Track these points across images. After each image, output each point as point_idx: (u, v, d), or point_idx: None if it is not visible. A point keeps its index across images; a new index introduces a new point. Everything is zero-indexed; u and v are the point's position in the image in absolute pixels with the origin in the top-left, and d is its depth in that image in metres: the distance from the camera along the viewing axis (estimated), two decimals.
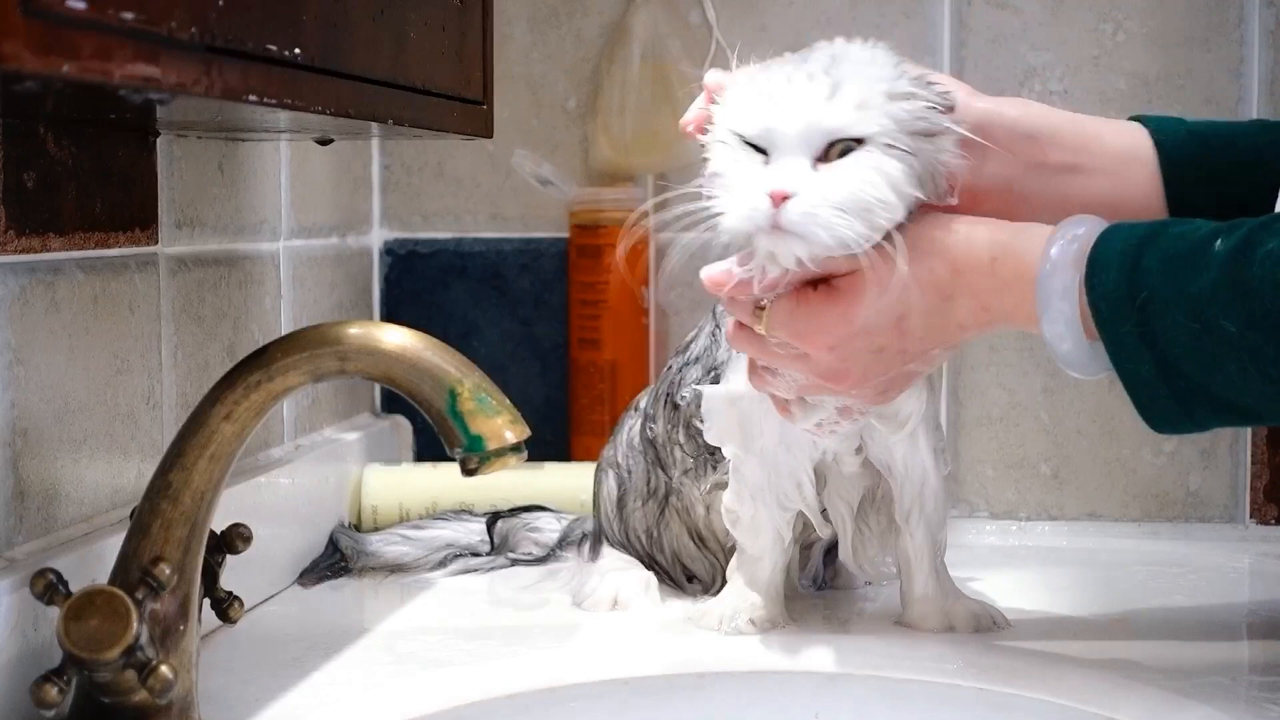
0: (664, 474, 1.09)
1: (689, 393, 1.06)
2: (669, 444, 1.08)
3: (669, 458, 1.09)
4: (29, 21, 0.54)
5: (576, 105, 1.43)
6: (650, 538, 1.12)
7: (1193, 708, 0.88)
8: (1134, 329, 0.84)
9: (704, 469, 1.06)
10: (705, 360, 1.06)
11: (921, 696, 0.96)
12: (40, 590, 0.77)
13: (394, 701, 0.91)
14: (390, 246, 1.45)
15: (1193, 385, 0.84)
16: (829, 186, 0.87)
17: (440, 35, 0.97)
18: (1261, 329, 0.81)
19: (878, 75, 0.89)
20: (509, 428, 0.79)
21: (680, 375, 1.08)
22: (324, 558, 1.20)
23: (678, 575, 1.12)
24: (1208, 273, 0.82)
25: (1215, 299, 0.82)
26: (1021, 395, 1.37)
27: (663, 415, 1.09)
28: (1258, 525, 1.36)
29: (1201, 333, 0.82)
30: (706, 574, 1.11)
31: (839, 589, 1.13)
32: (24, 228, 0.85)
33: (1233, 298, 0.81)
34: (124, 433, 0.95)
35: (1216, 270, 0.82)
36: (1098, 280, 0.85)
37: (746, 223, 0.88)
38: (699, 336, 1.08)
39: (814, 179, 0.87)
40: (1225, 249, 0.83)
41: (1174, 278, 0.83)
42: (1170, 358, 0.84)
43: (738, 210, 0.89)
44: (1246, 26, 1.34)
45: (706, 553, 1.10)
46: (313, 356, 0.80)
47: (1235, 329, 0.81)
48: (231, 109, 0.84)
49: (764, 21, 1.39)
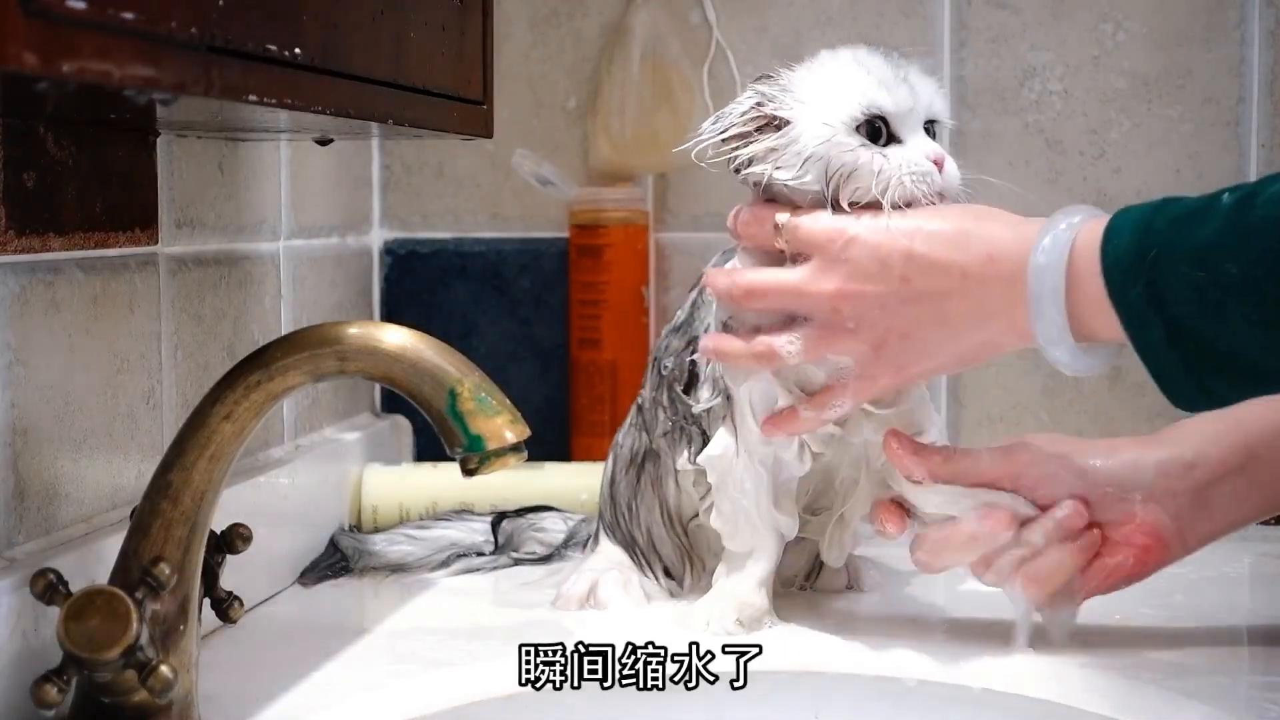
0: (646, 436, 1.10)
1: (671, 361, 1.07)
2: (653, 406, 1.10)
3: (652, 419, 1.10)
4: (29, 21, 0.54)
5: (576, 105, 1.43)
6: (631, 511, 1.12)
7: (1193, 708, 0.88)
8: (1143, 290, 0.86)
9: (680, 436, 1.06)
10: (685, 330, 1.07)
11: (921, 696, 0.96)
12: (40, 590, 0.77)
13: (394, 701, 0.91)
14: (390, 246, 1.45)
15: (1200, 345, 0.85)
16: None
17: (440, 35, 0.97)
18: (1263, 266, 0.82)
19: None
20: (509, 428, 0.79)
21: (666, 342, 1.09)
22: (324, 557, 1.20)
23: (653, 559, 1.11)
24: (1214, 222, 0.84)
25: (1220, 244, 0.84)
26: (1021, 395, 1.37)
27: (649, 380, 1.11)
28: (1258, 525, 1.35)
29: (1206, 282, 0.84)
30: (674, 559, 1.11)
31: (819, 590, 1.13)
32: (24, 228, 0.85)
33: (1236, 239, 0.83)
34: (124, 432, 0.96)
35: (1222, 219, 0.84)
36: (1111, 247, 0.87)
37: (920, 187, 0.97)
38: (685, 307, 1.09)
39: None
40: (1232, 200, 0.85)
41: (1181, 231, 0.85)
42: (1177, 316, 0.85)
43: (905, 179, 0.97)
44: (1246, 26, 1.34)
45: (673, 534, 1.10)
46: (313, 356, 0.80)
47: (1238, 270, 0.83)
48: (231, 109, 0.84)
49: (764, 21, 1.39)
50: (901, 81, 0.99)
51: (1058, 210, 0.91)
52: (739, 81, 1.39)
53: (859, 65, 1.00)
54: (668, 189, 1.43)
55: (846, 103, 0.98)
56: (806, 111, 0.98)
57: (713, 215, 1.00)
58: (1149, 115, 1.36)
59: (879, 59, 1.00)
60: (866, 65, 1.00)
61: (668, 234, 1.43)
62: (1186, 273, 0.84)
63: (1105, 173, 1.36)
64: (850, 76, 0.99)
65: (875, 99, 0.98)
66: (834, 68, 1.01)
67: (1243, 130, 1.34)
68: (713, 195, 1.39)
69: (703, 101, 1.38)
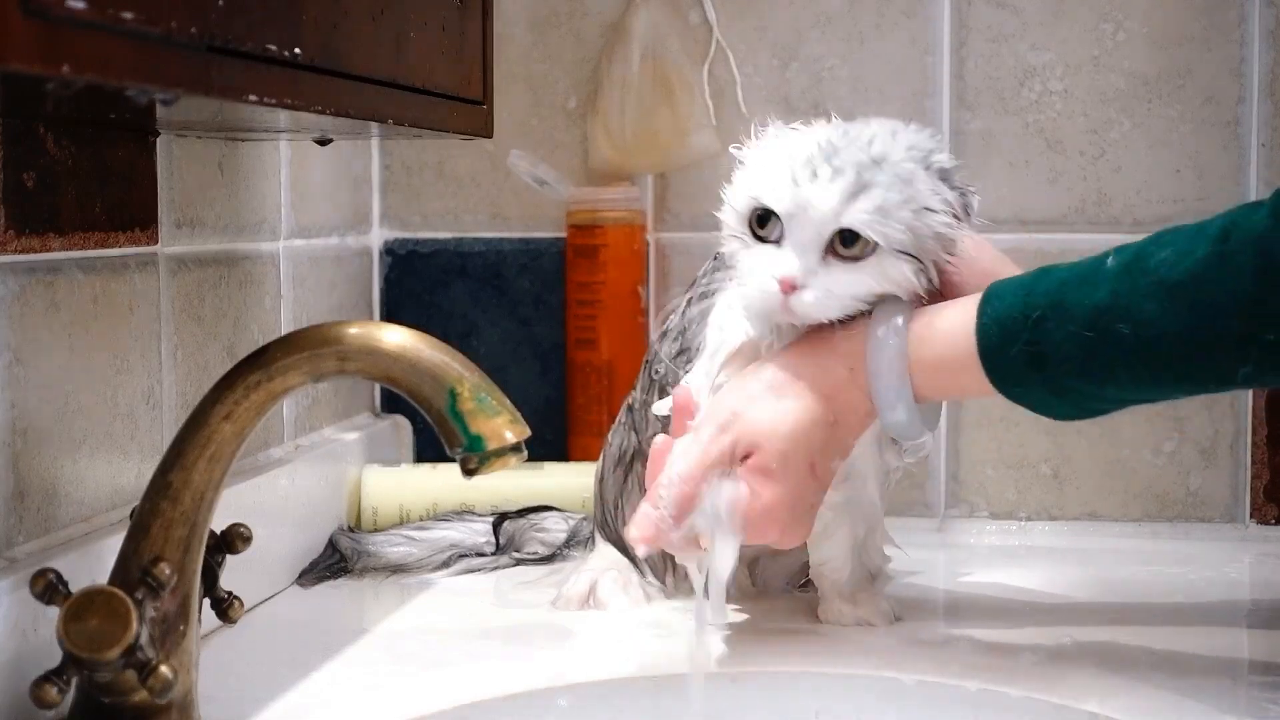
0: (635, 437, 1.10)
1: (662, 366, 1.08)
2: (643, 408, 1.10)
3: (642, 421, 1.10)
4: (29, 21, 0.54)
5: (576, 105, 1.43)
6: (617, 508, 1.12)
7: (1193, 708, 0.88)
8: (1023, 350, 0.89)
9: None
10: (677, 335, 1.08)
11: (921, 696, 0.96)
12: (40, 590, 0.77)
13: (394, 701, 0.91)
14: (390, 246, 1.45)
15: (1083, 396, 0.90)
16: (835, 282, 0.93)
17: (440, 35, 0.97)
18: (1155, 327, 0.85)
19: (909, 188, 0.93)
20: (509, 428, 0.79)
21: (659, 346, 1.10)
22: (323, 558, 1.20)
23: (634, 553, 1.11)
24: (1105, 285, 0.87)
25: (1112, 306, 0.87)
26: None
27: (641, 382, 1.11)
28: (1258, 525, 1.36)
29: (1096, 342, 0.87)
30: (656, 559, 1.10)
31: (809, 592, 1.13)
32: (24, 228, 0.85)
33: (1128, 301, 0.86)
34: (124, 432, 0.95)
35: (1113, 280, 0.87)
36: (990, 309, 0.91)
37: (759, 303, 0.95)
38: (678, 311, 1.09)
39: (821, 274, 0.93)
40: (1118, 264, 0.88)
41: (1069, 293, 0.88)
42: (1059, 375, 0.89)
43: (750, 291, 0.95)
44: (1246, 26, 1.34)
45: None
46: (313, 356, 0.79)
47: (1130, 330, 0.86)
48: (231, 109, 0.84)
49: (764, 22, 1.39)
50: (797, 183, 0.92)
51: None
52: (739, 81, 1.39)
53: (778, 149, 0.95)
54: (667, 189, 1.43)
55: (741, 187, 0.96)
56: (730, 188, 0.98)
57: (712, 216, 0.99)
58: (1149, 115, 1.36)
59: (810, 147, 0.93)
60: (786, 151, 0.94)
61: (668, 234, 1.43)
62: (1074, 332, 0.87)
63: (1105, 173, 1.36)
64: (756, 160, 0.96)
65: (757, 191, 0.95)
66: (765, 145, 0.97)
67: (1243, 130, 1.34)
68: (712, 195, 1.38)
69: (703, 101, 1.38)
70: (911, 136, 0.96)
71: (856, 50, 1.38)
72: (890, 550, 1.11)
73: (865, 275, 0.93)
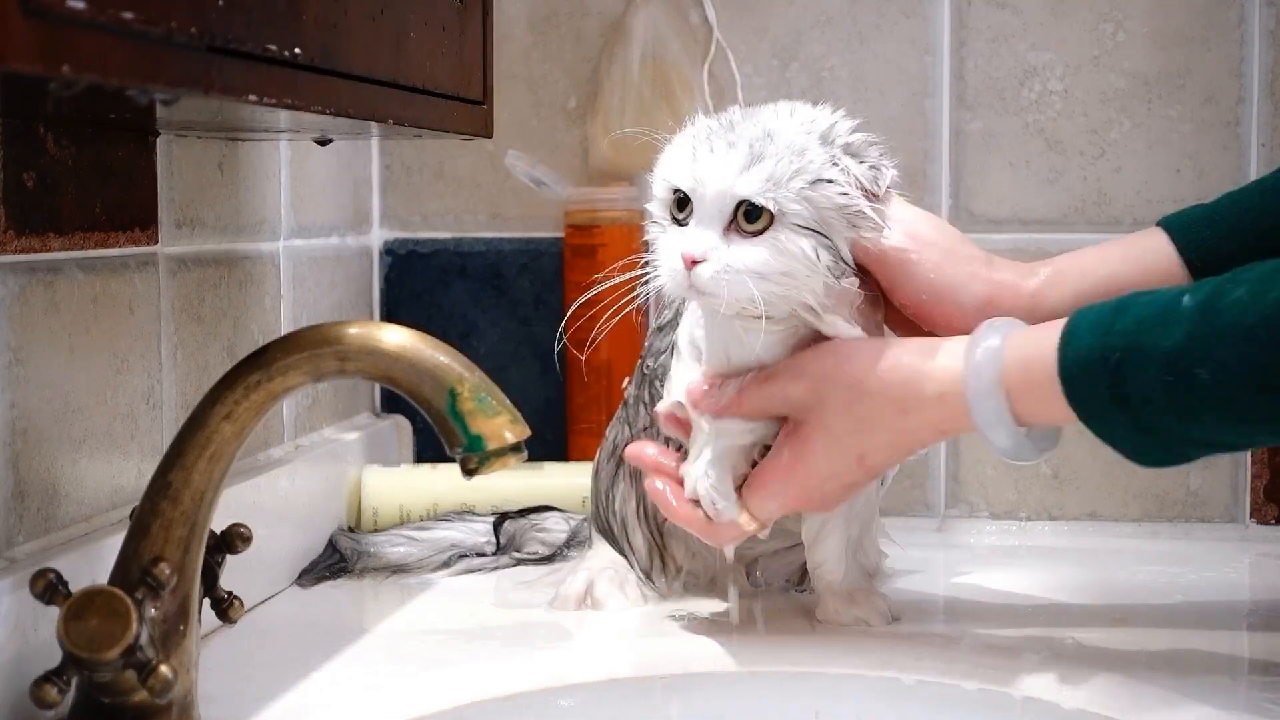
0: (629, 430, 1.11)
1: (654, 360, 1.09)
2: (637, 402, 1.11)
3: (634, 414, 1.11)
4: (29, 21, 0.54)
5: (576, 105, 1.43)
6: (608, 500, 1.12)
7: (1193, 708, 0.88)
8: (1107, 391, 0.87)
9: (659, 433, 1.07)
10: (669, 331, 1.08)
11: (921, 696, 0.96)
12: (40, 590, 0.77)
13: (394, 701, 0.91)
14: (390, 246, 1.45)
15: (1171, 435, 0.88)
16: (734, 256, 0.93)
17: (440, 35, 0.97)
18: (1234, 372, 0.83)
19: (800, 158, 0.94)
20: (509, 428, 0.79)
21: (651, 341, 1.10)
22: (323, 558, 1.20)
23: (624, 547, 1.12)
24: (1180, 326, 0.85)
25: (1188, 350, 0.84)
26: None
27: (635, 376, 1.12)
28: (1258, 525, 1.36)
29: (1176, 385, 0.85)
30: (644, 553, 1.11)
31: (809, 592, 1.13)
32: (24, 228, 0.85)
33: (1205, 346, 0.84)
34: (124, 433, 0.95)
35: (1188, 323, 0.85)
36: (1071, 349, 0.89)
37: (669, 283, 0.96)
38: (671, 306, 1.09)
39: (721, 247, 0.94)
40: (1194, 303, 0.86)
41: (1146, 335, 0.86)
42: (1145, 415, 0.87)
43: (662, 271, 0.96)
44: (1246, 26, 1.34)
45: (644, 527, 1.10)
46: (313, 356, 0.79)
47: (1209, 376, 0.84)
48: (231, 109, 0.84)
49: (764, 21, 1.39)
50: (696, 158, 0.94)
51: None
52: (739, 81, 1.39)
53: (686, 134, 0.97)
54: None
55: (656, 173, 0.98)
56: None
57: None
58: (1149, 115, 1.36)
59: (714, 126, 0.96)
60: (691, 135, 0.97)
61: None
62: (1155, 376, 0.85)
63: (1105, 173, 1.36)
64: (670, 145, 0.98)
65: (665, 173, 0.97)
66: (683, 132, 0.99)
67: (1243, 130, 1.34)
68: None
69: (703, 101, 1.38)
70: (810, 112, 0.97)
71: (856, 50, 1.38)
72: (889, 549, 1.11)
73: (763, 249, 0.93)
